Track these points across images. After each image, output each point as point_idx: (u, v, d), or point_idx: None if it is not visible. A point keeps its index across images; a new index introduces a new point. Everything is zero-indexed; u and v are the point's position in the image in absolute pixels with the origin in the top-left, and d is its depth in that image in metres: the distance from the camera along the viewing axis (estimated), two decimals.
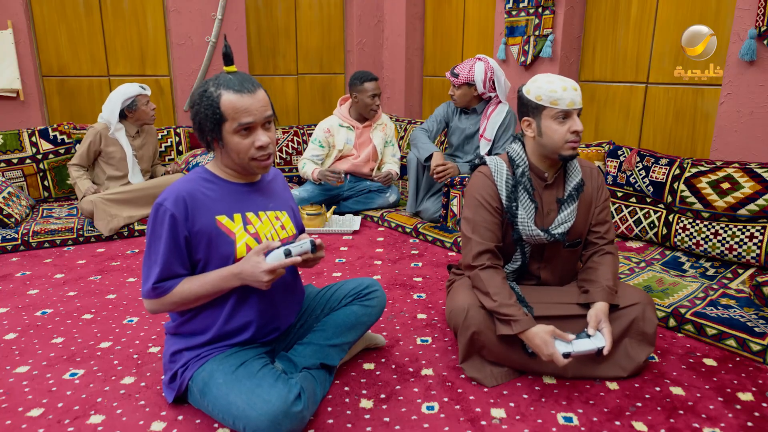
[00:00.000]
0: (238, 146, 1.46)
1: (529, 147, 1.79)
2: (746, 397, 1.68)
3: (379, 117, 3.71)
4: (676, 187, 2.63)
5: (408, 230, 3.30)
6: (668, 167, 2.69)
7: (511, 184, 1.75)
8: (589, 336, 1.64)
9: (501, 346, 1.72)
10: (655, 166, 2.73)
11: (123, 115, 3.30)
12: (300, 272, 1.87)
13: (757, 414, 1.60)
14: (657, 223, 2.72)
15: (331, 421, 1.57)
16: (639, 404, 1.64)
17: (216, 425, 1.54)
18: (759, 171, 2.42)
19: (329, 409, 1.62)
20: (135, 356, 1.92)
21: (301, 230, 1.77)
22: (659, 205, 2.73)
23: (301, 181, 4.15)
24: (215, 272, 1.49)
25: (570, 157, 1.71)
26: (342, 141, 3.63)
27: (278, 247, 1.47)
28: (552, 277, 1.88)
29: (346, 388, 1.73)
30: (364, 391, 1.71)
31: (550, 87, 1.66)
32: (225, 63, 1.59)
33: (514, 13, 3.72)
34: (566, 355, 1.58)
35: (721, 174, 2.51)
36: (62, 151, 3.69)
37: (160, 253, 1.44)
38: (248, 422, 1.38)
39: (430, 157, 3.22)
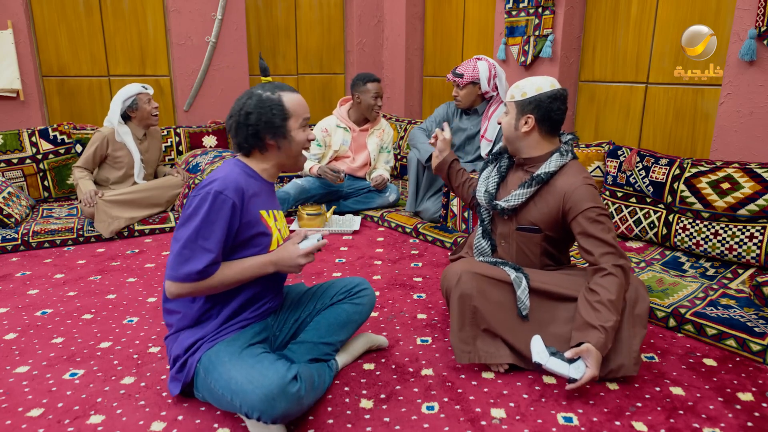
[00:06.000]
0: (300, 138, 1.63)
1: None
2: (746, 397, 1.68)
3: (378, 122, 3.72)
4: (676, 187, 2.63)
5: (408, 230, 3.30)
6: (668, 167, 2.69)
7: (493, 153, 2.06)
8: (570, 361, 1.59)
9: (493, 308, 1.77)
10: (655, 166, 2.73)
11: (128, 117, 3.27)
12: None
13: (757, 414, 1.60)
14: (657, 223, 2.72)
15: (331, 421, 1.57)
16: (639, 404, 1.64)
17: (216, 425, 1.54)
18: (759, 171, 2.42)
19: (329, 409, 1.62)
20: (135, 356, 1.92)
21: None
22: (659, 205, 2.73)
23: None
24: (252, 259, 1.57)
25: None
26: (338, 142, 3.63)
27: (306, 238, 1.62)
28: (507, 256, 1.97)
29: (346, 388, 1.73)
30: (364, 391, 1.71)
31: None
32: (262, 75, 1.79)
33: (514, 13, 3.72)
34: (537, 366, 1.61)
35: (721, 174, 2.51)
36: (62, 151, 3.69)
37: (213, 239, 1.48)
38: (245, 397, 1.40)
39: (430, 158, 3.22)
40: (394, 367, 1.86)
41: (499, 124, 1.92)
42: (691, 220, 2.58)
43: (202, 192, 1.49)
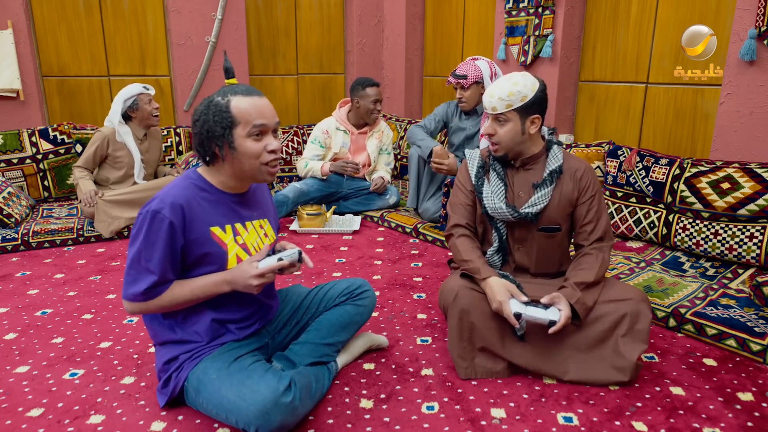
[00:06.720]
0: (250, 150, 1.46)
1: None
2: (746, 397, 1.68)
3: (377, 124, 3.72)
4: (676, 187, 2.63)
5: (408, 230, 3.30)
6: (668, 167, 2.69)
7: (479, 166, 1.96)
8: (546, 308, 1.70)
9: (489, 325, 1.77)
10: (655, 166, 2.73)
11: (128, 117, 3.27)
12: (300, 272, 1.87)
13: (757, 414, 1.60)
14: (657, 223, 2.72)
15: (331, 421, 1.57)
16: (639, 404, 1.64)
17: (216, 425, 1.54)
18: (759, 171, 2.42)
19: (329, 409, 1.62)
20: (135, 356, 1.92)
21: (277, 230, 1.78)
22: (659, 205, 2.73)
23: (300, 179, 4.15)
24: (206, 278, 1.51)
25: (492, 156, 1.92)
26: (338, 144, 3.65)
27: (268, 255, 1.51)
28: (527, 260, 1.94)
29: (346, 388, 1.73)
30: (364, 391, 1.71)
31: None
32: (226, 77, 1.59)
33: (514, 13, 3.72)
34: (517, 316, 1.67)
35: (721, 174, 2.51)
36: (62, 151, 3.69)
37: (155, 260, 1.44)
38: (239, 414, 1.39)
39: (431, 153, 3.22)
40: (394, 367, 1.86)
41: (488, 135, 1.85)
42: (691, 220, 2.58)
43: (143, 211, 1.45)
